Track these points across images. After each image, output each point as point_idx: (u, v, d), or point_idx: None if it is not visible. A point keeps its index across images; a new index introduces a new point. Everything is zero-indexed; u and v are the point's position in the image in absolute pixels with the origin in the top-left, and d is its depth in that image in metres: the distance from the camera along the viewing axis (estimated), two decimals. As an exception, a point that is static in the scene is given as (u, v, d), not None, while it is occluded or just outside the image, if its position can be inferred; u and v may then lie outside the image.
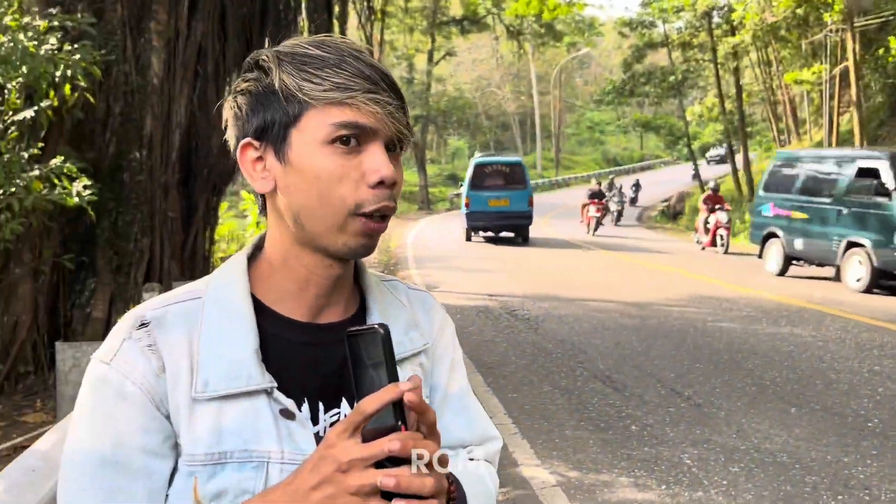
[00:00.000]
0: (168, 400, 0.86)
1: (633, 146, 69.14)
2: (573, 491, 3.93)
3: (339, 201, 0.86)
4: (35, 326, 6.16)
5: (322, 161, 0.86)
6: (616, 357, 6.74)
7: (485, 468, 1.07)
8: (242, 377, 0.87)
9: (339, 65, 0.85)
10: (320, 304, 0.95)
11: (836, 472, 4.11)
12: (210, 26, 7.39)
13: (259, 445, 0.86)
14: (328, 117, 0.85)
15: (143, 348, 0.87)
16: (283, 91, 0.86)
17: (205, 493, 0.85)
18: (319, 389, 0.93)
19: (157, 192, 6.95)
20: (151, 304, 0.92)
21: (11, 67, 5.03)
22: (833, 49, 20.60)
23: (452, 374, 1.09)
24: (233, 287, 0.92)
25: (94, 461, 0.84)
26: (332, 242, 0.89)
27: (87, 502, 0.84)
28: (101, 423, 0.85)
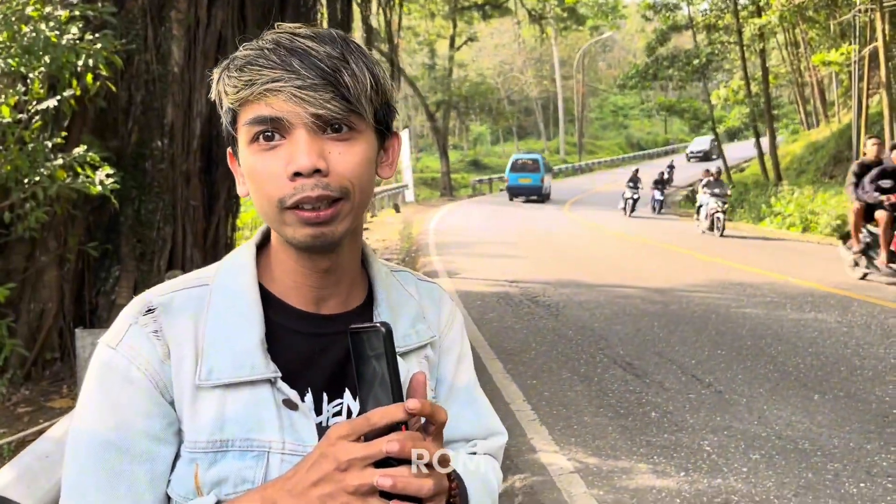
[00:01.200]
0: (172, 386, 0.87)
1: (658, 130, 68.46)
2: (591, 477, 3.93)
3: (268, 198, 0.85)
4: (61, 313, 6.26)
5: (251, 161, 0.86)
6: (637, 343, 6.70)
7: (487, 463, 1.06)
8: (247, 366, 0.87)
9: (255, 60, 0.83)
10: (320, 295, 0.94)
11: (858, 460, 4.07)
12: (230, 14, 7.42)
13: (261, 435, 0.87)
14: (245, 116, 0.85)
15: (148, 334, 0.87)
16: (218, 100, 0.89)
17: (205, 480, 0.86)
18: (323, 380, 0.93)
19: (179, 181, 7.01)
20: (158, 289, 0.93)
21: (34, 57, 5.09)
22: (862, 29, 20.16)
23: (459, 367, 1.08)
24: (241, 275, 0.93)
25: (98, 444, 0.85)
26: (284, 236, 0.88)
27: (89, 484, 0.85)
28: (105, 406, 0.86)
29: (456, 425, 1.03)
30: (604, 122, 71.46)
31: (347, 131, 0.85)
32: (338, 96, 0.82)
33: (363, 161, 0.87)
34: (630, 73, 29.26)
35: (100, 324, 6.48)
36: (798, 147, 27.59)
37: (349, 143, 0.85)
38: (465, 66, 48.24)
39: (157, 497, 0.87)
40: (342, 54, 0.84)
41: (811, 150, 25.47)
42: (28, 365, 5.98)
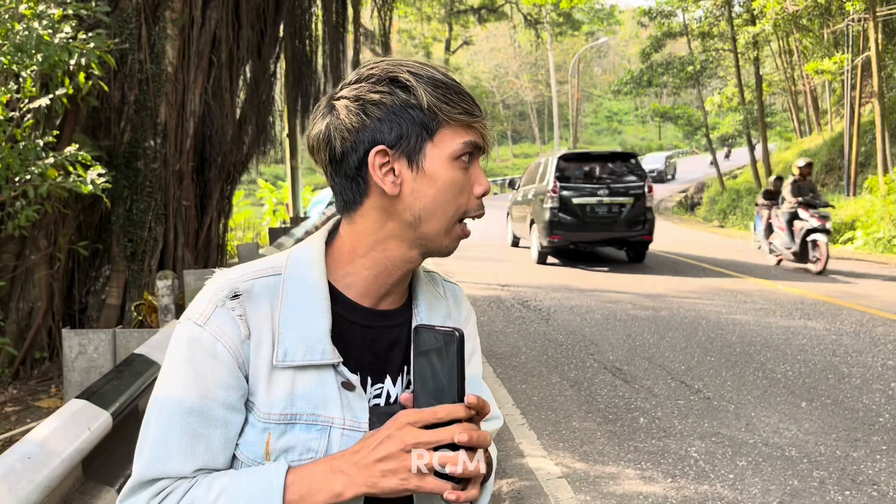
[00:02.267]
0: (249, 363, 0.99)
1: (652, 136, 68.64)
2: (578, 483, 3.93)
3: (456, 208, 1.02)
4: (50, 312, 6.24)
5: (451, 173, 1.00)
6: (627, 349, 6.72)
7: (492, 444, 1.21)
8: (317, 351, 1.00)
9: (463, 92, 1.01)
10: (384, 293, 1.07)
11: (844, 467, 4.09)
12: (224, 14, 7.42)
13: (325, 411, 1.00)
14: (459, 136, 1.00)
15: (234, 317, 0.99)
16: (429, 108, 0.99)
17: (275, 447, 0.98)
18: (368, 366, 1.06)
19: (172, 180, 7.00)
20: (241, 275, 1.04)
21: (26, 55, 5.08)
22: (855, 39, 20.29)
23: (472, 360, 1.21)
24: (312, 268, 1.04)
25: (183, 409, 0.97)
26: (437, 243, 1.04)
27: (173, 443, 0.96)
28: (192, 376, 0.98)
29: None
30: (598, 127, 71.61)
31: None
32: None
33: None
34: (625, 78, 29.34)
35: (89, 323, 6.46)
36: (791, 155, 27.70)
37: None
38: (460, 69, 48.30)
39: (228, 458, 0.99)
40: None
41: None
42: (16, 364, 5.96)
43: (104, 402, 2.09)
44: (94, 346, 3.49)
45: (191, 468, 0.96)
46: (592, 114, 72.63)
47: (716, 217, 23.08)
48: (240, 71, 8.25)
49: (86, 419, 1.97)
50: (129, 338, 3.56)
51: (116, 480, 2.10)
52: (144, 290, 6.49)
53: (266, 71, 8.79)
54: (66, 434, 1.86)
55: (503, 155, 60.60)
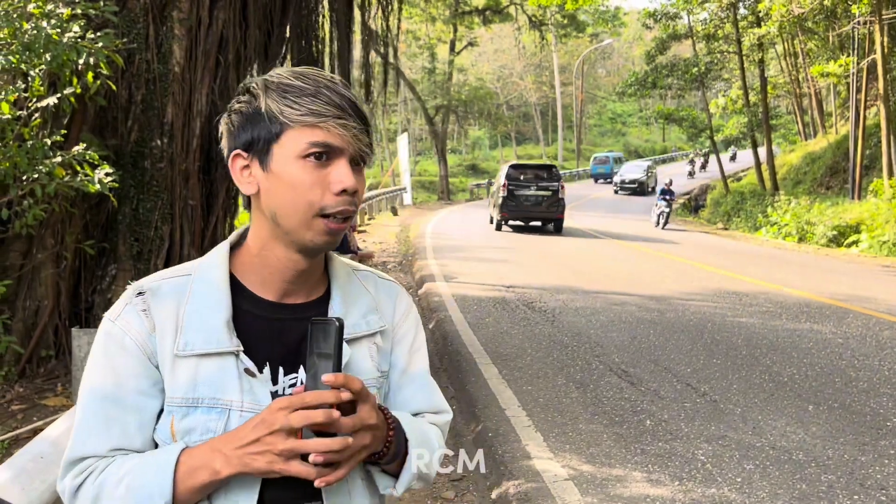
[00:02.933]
0: (157, 353, 1.09)
1: (655, 138, 68.56)
2: (585, 485, 3.92)
3: (308, 205, 1.07)
4: (57, 311, 6.24)
5: (297, 172, 1.07)
6: (632, 351, 6.71)
7: (431, 427, 1.27)
8: (215, 341, 1.09)
9: (315, 94, 1.06)
10: (287, 289, 1.16)
11: (852, 472, 4.07)
12: (232, 15, 7.41)
13: (224, 395, 1.09)
14: (303, 137, 1.06)
15: (139, 312, 1.11)
16: (268, 113, 1.07)
17: (179, 428, 1.08)
18: (281, 357, 1.14)
19: (178, 180, 7.00)
20: (151, 277, 1.16)
21: (35, 54, 5.08)
22: (861, 41, 20.24)
23: (413, 356, 1.28)
24: (216, 269, 1.15)
25: (99, 396, 1.09)
26: (300, 238, 1.09)
27: (91, 427, 1.08)
28: (106, 367, 1.10)
29: (409, 403, 1.26)
30: (602, 128, 71.56)
31: (363, 167, 1.12)
32: (370, 141, 1.11)
33: (365, 189, 1.14)
34: (629, 80, 29.30)
35: (95, 322, 6.46)
36: (795, 157, 27.65)
37: (362, 175, 1.12)
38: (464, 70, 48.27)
39: (144, 440, 1.10)
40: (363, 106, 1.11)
41: (808, 161, 25.54)
42: (23, 362, 5.96)
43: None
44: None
45: (106, 448, 1.07)
46: (596, 115, 72.59)
47: (720, 219, 23.05)
48: (247, 71, 8.24)
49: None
50: (137, 337, 3.54)
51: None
52: (150, 289, 6.49)
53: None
54: (78, 433, 1.85)
55: (507, 156, 60.55)
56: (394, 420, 1.14)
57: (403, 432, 1.15)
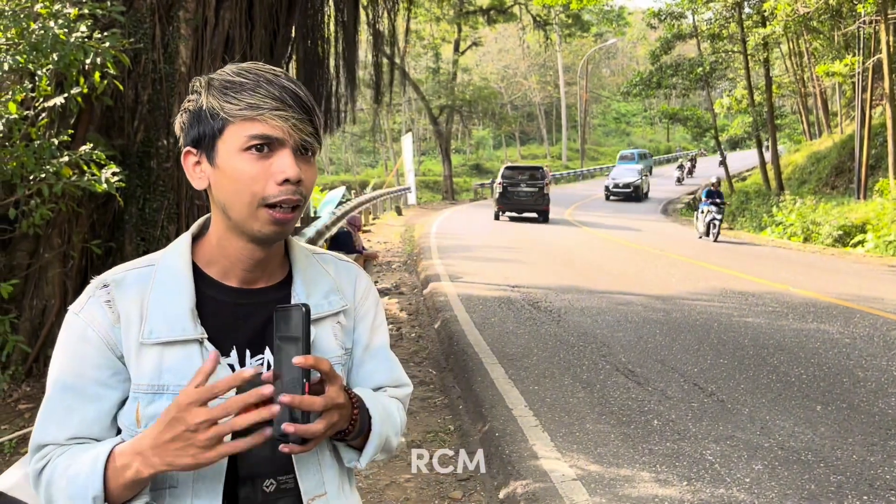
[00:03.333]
0: (122, 344, 1.12)
1: (660, 138, 68.45)
2: (593, 485, 3.91)
3: (251, 195, 1.09)
4: (63, 310, 6.24)
5: (239, 164, 1.10)
6: (639, 351, 6.69)
7: (392, 401, 1.31)
8: (179, 329, 1.12)
9: (254, 88, 1.09)
10: (248, 277, 1.19)
11: (861, 472, 4.06)
12: (237, 15, 7.42)
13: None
14: (243, 130, 1.09)
15: (102, 303, 1.13)
16: (210, 110, 1.11)
17: (144, 414, 1.11)
18: (247, 340, 1.18)
19: (184, 180, 7.00)
20: (115, 269, 1.19)
21: (42, 54, 5.09)
22: (866, 41, 20.19)
23: (374, 332, 1.33)
24: (178, 258, 1.18)
25: (60, 387, 1.12)
26: (248, 228, 1.12)
27: (52, 416, 1.12)
28: (68, 358, 1.13)
29: (371, 377, 1.31)
30: (606, 128, 71.50)
31: (311, 155, 1.15)
32: (314, 130, 1.13)
33: (315, 178, 1.17)
34: (634, 80, 29.25)
35: (102, 322, 6.48)
36: (800, 157, 27.59)
37: (311, 164, 1.15)
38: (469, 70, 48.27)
39: (104, 428, 1.13)
40: (308, 96, 1.12)
41: (813, 161, 25.48)
42: (30, 361, 5.97)
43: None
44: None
45: (65, 436, 1.11)
46: (601, 115, 72.52)
47: (725, 219, 22.98)
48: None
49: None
50: (145, 336, 3.55)
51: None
52: (157, 289, 6.50)
53: (278, 71, 8.78)
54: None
55: (511, 156, 60.52)
56: (357, 399, 1.18)
57: (367, 410, 1.20)
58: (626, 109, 71.31)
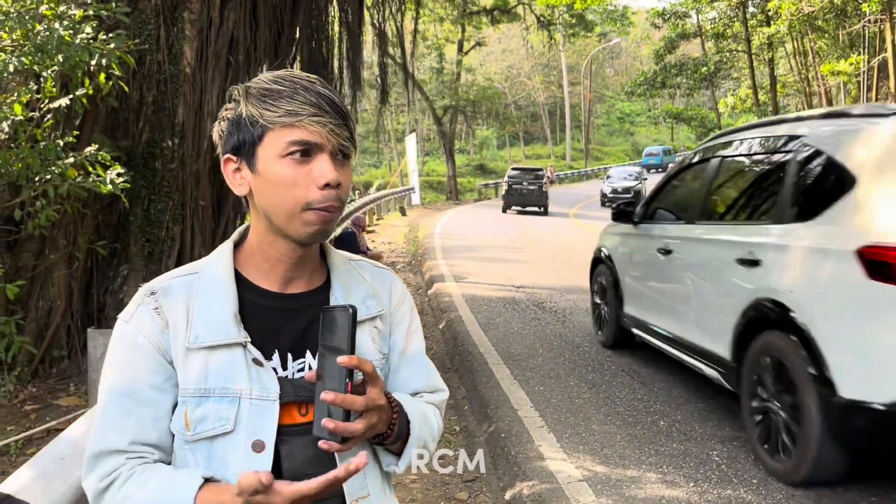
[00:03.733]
0: (171, 349, 1.16)
1: (664, 137, 68.36)
2: (599, 486, 3.90)
3: (294, 200, 1.13)
4: (69, 311, 6.26)
5: (280, 170, 1.13)
6: (644, 351, 6.67)
7: (431, 408, 1.34)
8: (223, 333, 1.15)
9: (292, 95, 1.12)
10: (288, 278, 1.22)
11: (869, 472, 4.04)
12: (242, 15, 7.42)
13: (234, 385, 1.15)
14: (283, 136, 1.12)
15: (151, 311, 1.17)
16: (249, 118, 1.14)
17: (192, 418, 1.14)
18: (288, 344, 1.20)
19: (189, 180, 7.01)
20: (161, 278, 1.23)
21: (47, 56, 5.10)
22: (871, 40, 20.14)
23: (410, 338, 1.35)
24: (220, 266, 1.21)
25: (116, 393, 1.15)
26: (292, 231, 1.15)
27: (110, 422, 1.15)
28: (121, 365, 1.16)
29: (408, 382, 1.33)
30: (610, 128, 71.45)
31: (347, 160, 1.18)
32: (350, 135, 1.16)
33: (351, 180, 1.21)
34: (638, 80, 29.24)
35: (107, 322, 6.48)
36: (805, 156, 27.49)
37: (347, 168, 1.19)
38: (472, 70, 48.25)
39: (160, 433, 1.16)
40: (343, 102, 1.16)
41: (819, 160, 25.37)
42: (36, 362, 5.98)
43: (133, 403, 2.08)
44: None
45: (125, 441, 1.13)
46: (604, 115, 72.47)
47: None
48: (257, 72, 8.25)
49: (116, 419, 1.96)
50: (151, 338, 3.54)
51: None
52: (162, 289, 6.50)
53: (282, 72, 8.79)
54: (97, 434, 1.85)
55: (515, 156, 60.52)
56: (397, 403, 1.21)
57: (406, 415, 1.23)
58: (630, 109, 71.24)
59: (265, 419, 1.14)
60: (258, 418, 1.14)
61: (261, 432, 1.14)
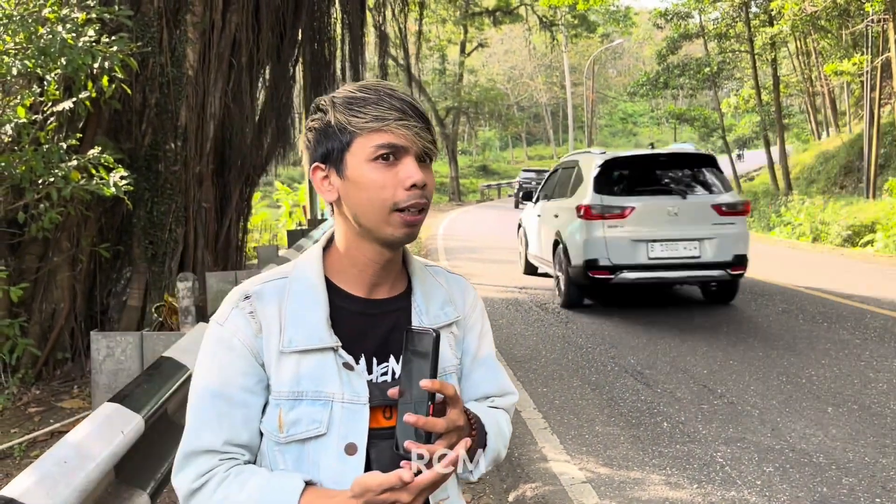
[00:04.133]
0: (263, 353, 1.19)
1: (667, 138, 68.28)
2: (603, 488, 3.90)
3: (382, 202, 1.16)
4: (72, 314, 6.27)
5: (369, 173, 1.17)
6: (647, 352, 6.67)
7: (503, 415, 1.38)
8: (316, 338, 1.19)
9: (378, 102, 1.16)
10: (374, 283, 1.26)
11: (873, 474, 4.03)
12: (244, 18, 7.44)
13: (326, 388, 1.18)
14: (370, 141, 1.16)
15: (246, 314, 1.20)
16: (337, 126, 1.18)
17: (286, 420, 1.18)
18: (372, 348, 1.24)
19: (192, 183, 7.03)
20: (252, 281, 1.26)
21: (50, 59, 5.11)
22: (874, 39, 20.09)
23: (482, 342, 1.39)
24: (311, 270, 1.24)
25: (209, 394, 1.18)
26: (381, 233, 1.19)
27: (202, 421, 1.18)
28: (215, 367, 1.19)
29: (479, 386, 1.37)
30: (613, 129, 71.39)
31: (430, 162, 1.22)
32: (432, 138, 1.20)
33: (434, 182, 1.23)
34: (641, 80, 29.18)
35: (110, 325, 6.49)
36: (809, 157, 27.48)
37: (430, 170, 1.22)
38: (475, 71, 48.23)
39: (251, 433, 1.19)
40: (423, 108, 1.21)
41: (822, 160, 25.36)
42: (39, 365, 5.99)
43: (136, 406, 2.08)
44: (121, 349, 3.50)
45: (220, 441, 1.16)
46: (607, 115, 72.41)
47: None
48: (259, 74, 8.27)
49: (119, 423, 1.96)
50: (155, 341, 3.56)
51: (148, 484, 2.10)
52: (165, 291, 6.52)
53: (285, 74, 8.81)
54: (100, 438, 1.85)
55: (518, 156, 60.50)
56: (475, 419, 1.25)
57: (484, 427, 1.26)
58: (633, 110, 71.18)
59: (357, 422, 1.18)
60: (350, 421, 1.17)
61: (353, 435, 1.17)
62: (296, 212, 19.22)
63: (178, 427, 2.48)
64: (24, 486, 1.57)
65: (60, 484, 1.62)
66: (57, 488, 1.60)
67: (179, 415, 2.52)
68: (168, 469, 2.28)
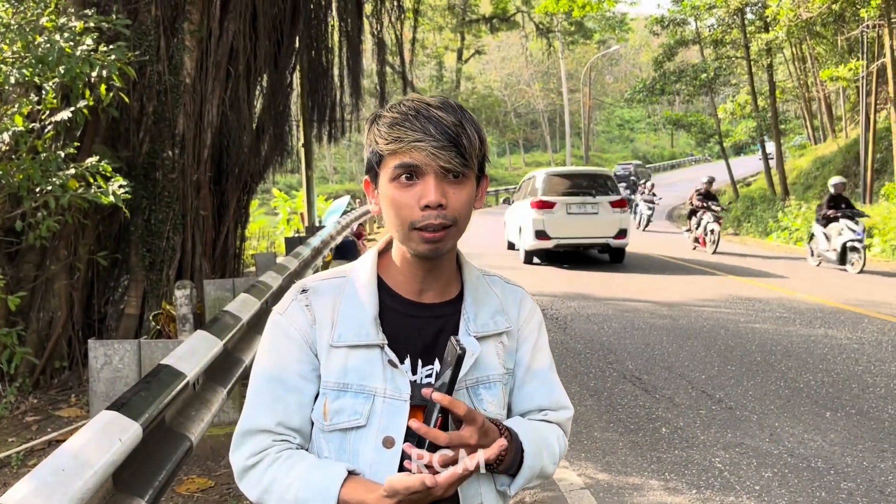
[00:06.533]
0: (317, 343, 1.27)
1: (664, 144, 68.43)
2: (602, 493, 3.90)
3: (401, 220, 1.22)
4: (70, 322, 6.26)
5: (391, 192, 1.23)
6: (646, 358, 6.67)
7: (552, 429, 1.38)
8: (364, 335, 1.26)
9: (401, 122, 1.19)
10: (421, 288, 1.31)
11: (871, 479, 4.03)
12: (242, 26, 7.45)
13: (370, 382, 1.24)
14: (392, 161, 1.22)
15: (303, 307, 1.29)
16: (371, 145, 1.26)
17: (330, 409, 1.25)
18: (419, 350, 1.29)
19: (189, 191, 7.03)
20: (312, 278, 1.34)
21: (48, 68, 5.12)
22: (870, 45, 20.16)
23: (536, 354, 1.40)
24: (365, 272, 1.32)
25: (266, 377, 1.28)
26: (407, 248, 1.25)
27: (259, 403, 1.27)
28: (273, 353, 1.29)
29: (531, 398, 1.39)
30: (610, 135, 71.49)
31: (461, 178, 1.22)
32: (458, 154, 1.19)
33: (468, 199, 1.24)
34: (637, 87, 29.23)
35: (108, 333, 6.48)
36: (805, 162, 27.53)
37: (461, 186, 1.22)
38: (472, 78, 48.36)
39: (303, 419, 1.27)
40: (461, 122, 1.20)
41: (818, 165, 25.40)
42: (37, 373, 5.98)
43: (134, 414, 2.07)
44: (119, 357, 3.50)
45: (273, 422, 1.25)
46: (604, 122, 72.53)
47: (730, 225, 22.93)
48: (257, 82, 8.28)
49: (117, 431, 1.95)
50: (153, 348, 3.56)
51: (146, 492, 2.09)
52: (163, 299, 6.51)
53: (282, 81, 8.82)
54: (98, 446, 1.84)
55: (515, 163, 60.58)
56: (506, 432, 1.26)
57: (521, 443, 1.27)
58: (630, 116, 71.32)
59: (396, 417, 1.23)
60: (390, 416, 1.23)
61: (391, 429, 1.23)
62: (293, 219, 19.22)
63: (177, 435, 2.47)
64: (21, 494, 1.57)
65: (58, 493, 1.62)
66: (54, 497, 1.60)
67: (177, 422, 2.52)
68: (166, 478, 2.27)
